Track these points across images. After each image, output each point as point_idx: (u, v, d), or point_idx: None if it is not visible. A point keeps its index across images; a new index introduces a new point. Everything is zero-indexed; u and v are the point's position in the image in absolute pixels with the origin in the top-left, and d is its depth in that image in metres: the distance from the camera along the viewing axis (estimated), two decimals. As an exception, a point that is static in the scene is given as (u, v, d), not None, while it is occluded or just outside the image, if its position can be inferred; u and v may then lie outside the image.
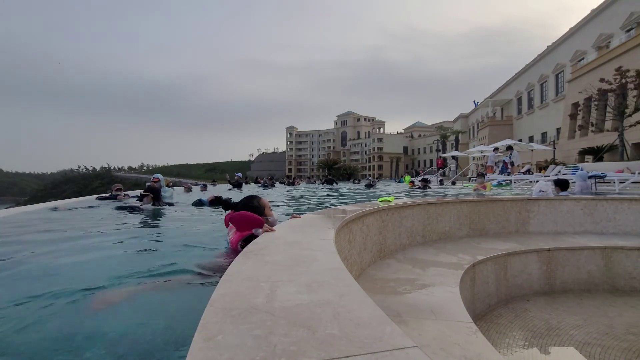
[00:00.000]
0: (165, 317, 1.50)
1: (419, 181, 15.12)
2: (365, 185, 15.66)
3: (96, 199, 6.86)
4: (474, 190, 9.09)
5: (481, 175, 10.67)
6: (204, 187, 12.69)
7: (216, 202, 6.36)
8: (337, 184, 21.56)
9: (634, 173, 10.57)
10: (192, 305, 1.56)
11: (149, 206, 5.43)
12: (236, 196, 8.91)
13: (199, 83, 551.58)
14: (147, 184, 6.73)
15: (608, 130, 21.48)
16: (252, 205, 2.72)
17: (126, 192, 7.06)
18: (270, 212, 2.81)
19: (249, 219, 2.30)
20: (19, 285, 1.85)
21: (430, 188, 13.61)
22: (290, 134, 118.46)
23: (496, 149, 16.77)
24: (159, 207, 5.59)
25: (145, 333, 1.34)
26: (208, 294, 0.90)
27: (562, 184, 5.48)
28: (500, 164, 15.10)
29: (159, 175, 8.05)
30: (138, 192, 7.91)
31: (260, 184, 16.48)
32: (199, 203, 6.21)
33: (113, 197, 6.82)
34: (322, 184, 20.11)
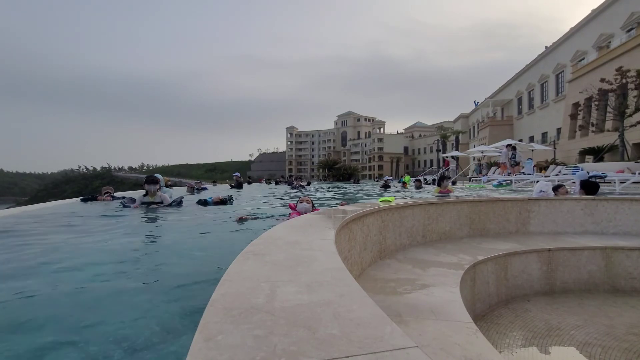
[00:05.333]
0: (166, 316, 1.50)
1: (414, 181, 14.92)
2: (382, 187, 14.69)
3: (80, 200, 7.03)
4: (438, 193, 8.29)
5: (447, 178, 9.97)
6: (199, 184, 12.61)
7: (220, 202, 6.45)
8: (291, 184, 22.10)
9: (635, 173, 10.57)
10: (193, 305, 1.57)
11: (167, 198, 5.84)
12: (236, 195, 8.89)
13: (198, 81, 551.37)
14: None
15: (608, 131, 21.44)
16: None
17: (110, 194, 7.12)
18: (301, 204, 4.25)
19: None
20: (20, 281, 1.85)
21: (424, 188, 13.48)
22: (291, 134, 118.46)
23: (509, 145, 16.63)
24: (157, 206, 5.61)
25: (145, 332, 1.34)
26: (208, 294, 0.90)
27: (589, 188, 4.93)
28: (528, 164, 15.20)
29: (159, 176, 8.05)
30: (124, 194, 7.98)
31: (292, 186, 16.31)
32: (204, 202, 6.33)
33: (94, 198, 6.97)
34: (274, 184, 21.13)
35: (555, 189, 5.24)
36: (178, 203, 5.95)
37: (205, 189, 12.30)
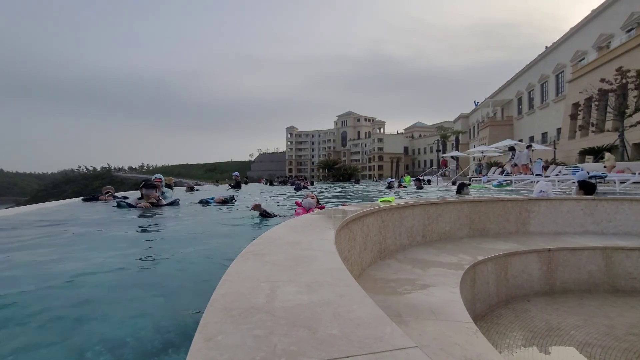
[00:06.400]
0: (166, 316, 1.50)
1: (414, 181, 15.13)
2: (387, 187, 15.40)
3: (82, 200, 7.02)
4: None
5: (466, 185, 9.71)
6: (194, 184, 12.69)
7: (258, 208, 6.33)
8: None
9: (635, 173, 10.56)
10: (193, 305, 1.57)
11: (163, 201, 5.78)
12: (235, 195, 8.91)
13: (198, 81, 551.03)
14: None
15: (608, 131, 21.44)
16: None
17: (111, 194, 7.13)
18: (306, 199, 4.58)
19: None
20: (19, 280, 1.85)
21: (423, 188, 13.61)
22: (291, 134, 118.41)
23: (529, 145, 16.22)
24: (159, 205, 5.61)
25: (145, 333, 1.34)
26: (208, 294, 0.90)
27: (587, 188, 5.10)
28: (537, 165, 15.08)
29: (160, 176, 8.08)
30: (125, 193, 7.99)
31: (295, 187, 16.34)
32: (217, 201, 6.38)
33: (95, 198, 6.97)
34: (269, 185, 20.34)
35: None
36: (176, 203, 5.94)
37: (199, 190, 12.32)
